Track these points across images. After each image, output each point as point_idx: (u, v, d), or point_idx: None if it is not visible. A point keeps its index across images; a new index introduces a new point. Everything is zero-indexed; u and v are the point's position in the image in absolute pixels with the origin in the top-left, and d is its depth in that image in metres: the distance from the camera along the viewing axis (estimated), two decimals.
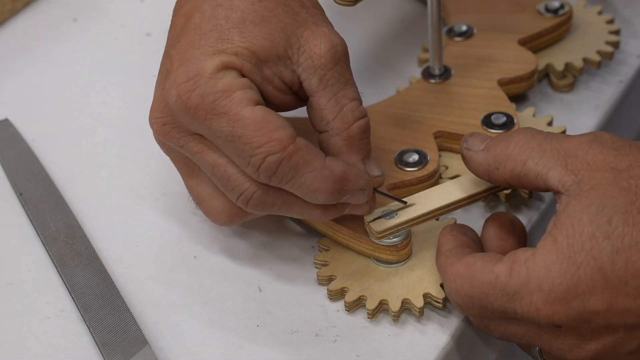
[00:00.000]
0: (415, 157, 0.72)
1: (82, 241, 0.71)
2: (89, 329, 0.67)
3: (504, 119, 0.73)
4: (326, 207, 0.65)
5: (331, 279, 0.68)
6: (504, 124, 0.73)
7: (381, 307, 0.67)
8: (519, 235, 0.66)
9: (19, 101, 0.83)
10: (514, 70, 0.77)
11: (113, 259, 0.71)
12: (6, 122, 0.80)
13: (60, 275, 0.70)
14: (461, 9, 0.82)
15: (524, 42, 0.79)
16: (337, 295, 0.68)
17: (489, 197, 0.69)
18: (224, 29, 0.63)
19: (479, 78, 0.76)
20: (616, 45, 0.80)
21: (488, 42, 0.79)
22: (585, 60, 0.79)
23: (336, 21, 0.67)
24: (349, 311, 0.67)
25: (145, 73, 0.72)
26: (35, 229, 0.73)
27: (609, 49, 0.80)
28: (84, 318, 0.67)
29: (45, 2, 0.90)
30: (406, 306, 0.66)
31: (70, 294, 0.69)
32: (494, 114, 0.73)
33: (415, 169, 0.71)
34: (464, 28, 0.80)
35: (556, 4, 0.80)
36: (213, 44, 0.63)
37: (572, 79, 0.80)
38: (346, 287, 0.67)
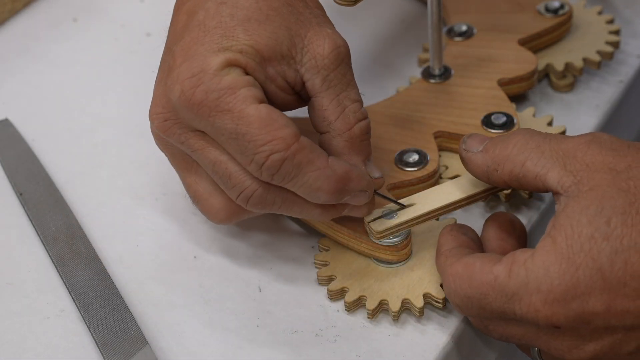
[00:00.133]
0: (415, 157, 0.72)
1: (82, 241, 0.71)
2: (89, 329, 0.67)
3: (504, 119, 0.73)
4: (326, 207, 0.65)
5: (331, 279, 0.68)
6: (504, 124, 0.73)
7: (381, 307, 0.67)
8: (519, 236, 0.66)
9: (19, 101, 0.83)
10: (514, 70, 0.77)
11: (113, 259, 0.71)
12: (6, 122, 0.80)
13: (60, 275, 0.70)
14: (461, 9, 0.82)
15: (524, 42, 0.79)
16: (337, 295, 0.68)
17: (489, 197, 0.69)
18: (228, 27, 0.63)
19: (479, 78, 0.76)
20: (616, 45, 0.80)
21: (488, 42, 0.79)
22: (585, 60, 0.79)
23: (336, 21, 0.66)
24: (349, 311, 0.67)
25: (145, 73, 0.72)
26: (35, 229, 0.73)
27: (609, 49, 0.80)
28: (84, 318, 0.67)
29: (45, 2, 0.90)
30: (406, 306, 0.66)
31: (70, 294, 0.69)
32: (494, 114, 0.73)
33: (415, 169, 0.71)
34: (464, 28, 0.80)
35: (556, 4, 0.80)
36: (218, 41, 0.63)
37: (572, 79, 0.80)
38: (346, 287, 0.67)
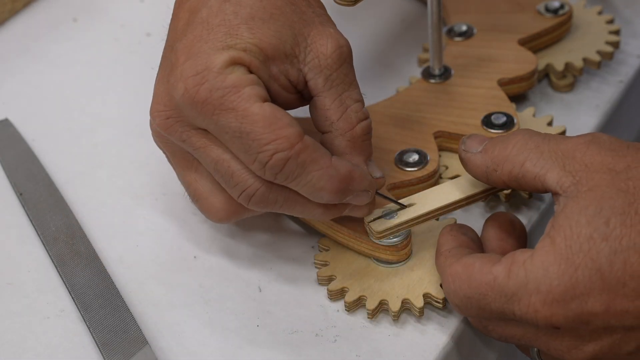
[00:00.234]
0: (415, 157, 0.72)
1: (82, 241, 0.71)
2: (89, 329, 0.67)
3: (504, 119, 0.73)
4: (327, 207, 0.65)
5: (331, 279, 0.68)
6: (504, 124, 0.73)
7: (381, 307, 0.67)
8: (519, 236, 0.66)
9: (19, 101, 0.83)
10: (514, 70, 0.77)
11: (113, 259, 0.71)
12: (6, 122, 0.80)
13: (60, 275, 0.70)
14: (461, 9, 0.82)
15: (524, 42, 0.79)
16: (337, 295, 0.68)
17: (488, 198, 0.69)
18: (232, 25, 0.63)
19: (479, 78, 0.76)
20: (616, 45, 0.80)
21: (488, 42, 0.79)
22: (585, 60, 0.79)
23: (336, 21, 0.66)
24: (349, 311, 0.67)
25: (145, 73, 0.72)
26: (35, 229, 0.73)
27: (609, 49, 0.80)
28: (84, 318, 0.67)
29: (45, 2, 0.90)
30: (406, 306, 0.66)
31: (70, 294, 0.69)
32: (494, 114, 0.73)
33: (415, 169, 0.71)
34: (464, 28, 0.80)
35: (556, 4, 0.80)
36: (222, 39, 0.62)
37: (572, 79, 0.80)
38: (346, 287, 0.67)
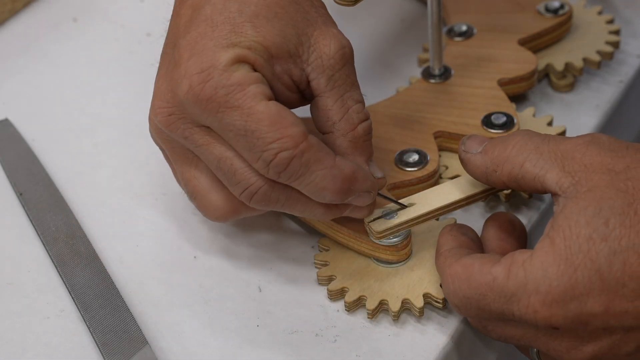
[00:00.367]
0: (415, 157, 0.72)
1: (82, 241, 0.71)
2: (89, 329, 0.67)
3: (504, 119, 0.73)
4: (329, 207, 0.65)
5: (331, 279, 0.68)
6: (504, 124, 0.73)
7: (381, 307, 0.67)
8: (519, 236, 0.66)
9: (19, 101, 0.83)
10: (514, 70, 0.77)
11: (113, 259, 0.71)
12: (6, 122, 0.80)
13: (60, 275, 0.70)
14: (461, 9, 0.82)
15: (524, 42, 0.79)
16: (337, 295, 0.68)
17: (488, 198, 0.69)
18: (237, 22, 0.63)
19: (479, 78, 0.76)
20: (616, 45, 0.80)
21: (488, 42, 0.79)
22: (585, 60, 0.79)
23: (336, 21, 0.66)
24: (349, 311, 0.67)
25: (145, 73, 0.72)
26: (35, 229, 0.73)
27: (609, 49, 0.80)
28: (84, 318, 0.67)
29: (45, 2, 0.90)
30: (406, 306, 0.66)
31: (70, 294, 0.69)
32: (494, 114, 0.73)
33: (415, 169, 0.71)
34: (464, 28, 0.80)
35: (556, 4, 0.80)
36: (226, 37, 0.62)
37: (572, 79, 0.80)
38: (346, 287, 0.67)
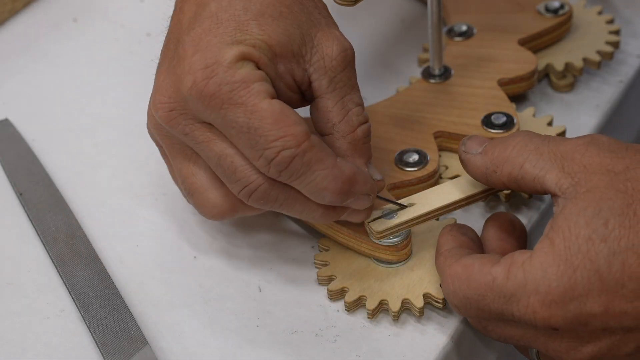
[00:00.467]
0: (415, 157, 0.72)
1: (82, 241, 0.71)
2: (89, 329, 0.67)
3: (504, 119, 0.73)
4: (327, 209, 0.64)
5: (331, 279, 0.68)
6: (504, 124, 0.73)
7: (381, 307, 0.67)
8: (519, 236, 0.66)
9: (19, 101, 0.83)
10: (514, 70, 0.77)
11: (113, 259, 0.71)
12: (6, 122, 0.80)
13: (60, 275, 0.70)
14: (461, 9, 0.82)
15: (524, 42, 0.79)
16: (337, 295, 0.68)
17: (488, 198, 0.69)
18: (242, 20, 0.63)
19: (479, 78, 0.76)
20: (616, 45, 0.80)
21: (488, 42, 0.79)
22: (585, 60, 0.79)
23: (336, 21, 0.66)
24: (349, 311, 0.67)
25: (145, 73, 0.72)
26: (35, 229, 0.73)
27: (609, 49, 0.80)
28: (84, 318, 0.67)
29: (45, 2, 0.90)
30: (406, 306, 0.66)
31: (70, 294, 0.69)
32: (494, 114, 0.73)
33: (415, 169, 0.71)
34: (464, 28, 0.80)
35: (556, 4, 0.80)
36: (231, 34, 0.62)
37: (572, 79, 0.80)
38: (346, 287, 0.67)
